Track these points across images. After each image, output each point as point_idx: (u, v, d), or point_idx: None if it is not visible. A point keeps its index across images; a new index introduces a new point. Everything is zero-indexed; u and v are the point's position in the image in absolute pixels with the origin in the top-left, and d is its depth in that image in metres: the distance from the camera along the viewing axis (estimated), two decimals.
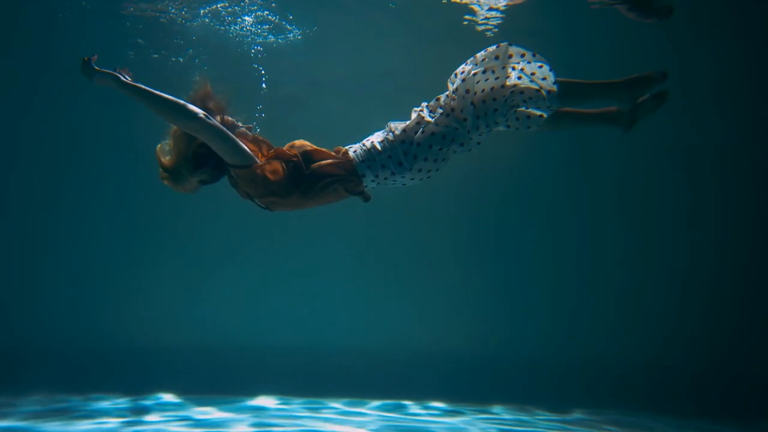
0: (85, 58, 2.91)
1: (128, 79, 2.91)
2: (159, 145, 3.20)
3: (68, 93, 10.03)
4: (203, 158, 3.12)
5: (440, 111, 3.33)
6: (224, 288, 11.57)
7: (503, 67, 3.28)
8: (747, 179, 11.47)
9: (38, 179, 11.53)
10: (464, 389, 7.97)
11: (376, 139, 3.37)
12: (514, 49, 3.29)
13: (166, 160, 3.14)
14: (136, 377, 7.63)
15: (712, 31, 8.07)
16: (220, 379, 7.89)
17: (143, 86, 2.93)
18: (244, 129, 3.28)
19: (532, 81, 3.25)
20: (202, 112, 2.99)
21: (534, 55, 3.29)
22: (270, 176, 3.14)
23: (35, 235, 11.75)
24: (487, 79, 3.27)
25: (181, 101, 2.97)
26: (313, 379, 8.09)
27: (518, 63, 3.30)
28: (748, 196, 11.56)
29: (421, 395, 7.50)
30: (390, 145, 3.28)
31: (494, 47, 3.31)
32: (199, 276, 11.66)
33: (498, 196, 11.41)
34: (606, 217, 11.94)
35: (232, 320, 11.11)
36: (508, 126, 3.34)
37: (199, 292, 11.60)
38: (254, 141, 3.28)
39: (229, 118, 3.22)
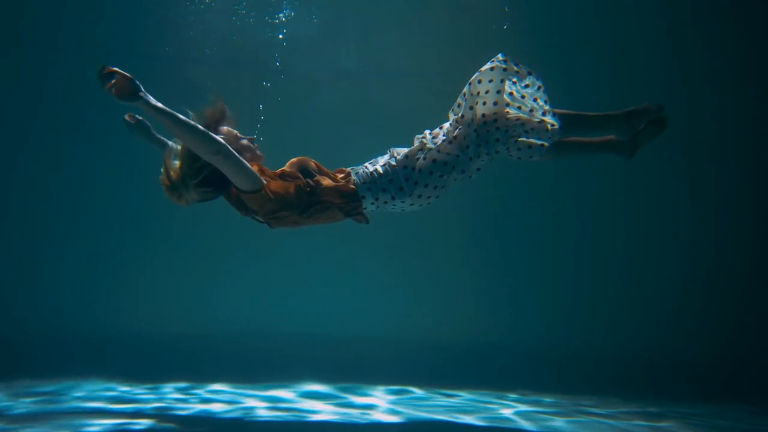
0: (105, 70, 2.79)
1: (153, 100, 2.85)
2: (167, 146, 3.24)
3: (72, 82, 10.02)
4: (204, 169, 3.15)
5: (443, 138, 3.39)
6: (232, 277, 11.65)
7: (502, 88, 3.34)
8: (748, 169, 11.50)
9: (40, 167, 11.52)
10: (461, 376, 8.09)
11: (378, 162, 3.44)
12: (509, 67, 3.34)
13: (171, 165, 3.17)
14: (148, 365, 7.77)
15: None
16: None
17: (169, 110, 2.91)
18: (246, 141, 3.33)
19: (532, 114, 3.31)
20: (225, 144, 2.99)
21: (529, 74, 3.35)
22: (273, 197, 3.20)
23: (36, 224, 11.75)
24: (485, 103, 3.32)
25: (206, 130, 2.97)
26: (313, 369, 8.15)
27: (515, 83, 3.36)
28: (749, 186, 11.60)
29: (422, 381, 7.62)
30: (392, 170, 3.36)
31: (489, 66, 3.36)
32: (204, 265, 11.72)
33: (500, 185, 11.45)
34: (608, 206, 11.98)
35: (237, 309, 11.21)
36: (510, 155, 3.41)
37: (203, 281, 11.67)
38: (257, 156, 3.35)
39: (234, 131, 3.27)
